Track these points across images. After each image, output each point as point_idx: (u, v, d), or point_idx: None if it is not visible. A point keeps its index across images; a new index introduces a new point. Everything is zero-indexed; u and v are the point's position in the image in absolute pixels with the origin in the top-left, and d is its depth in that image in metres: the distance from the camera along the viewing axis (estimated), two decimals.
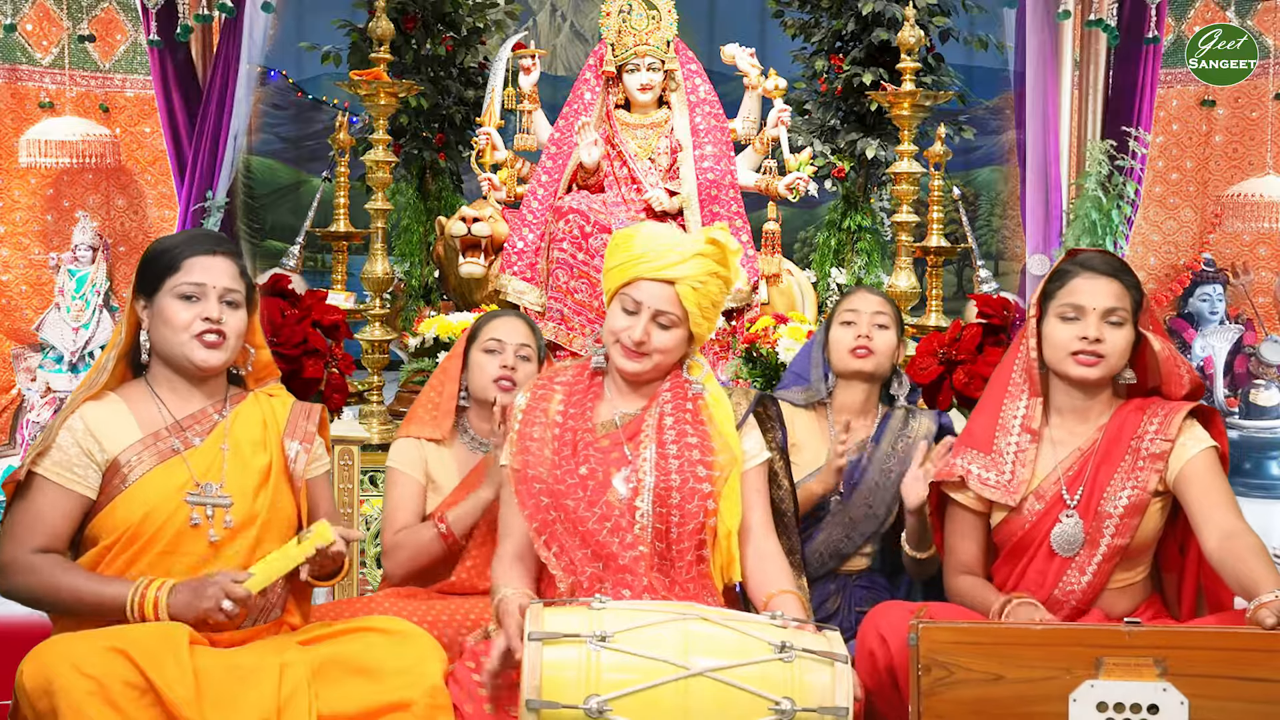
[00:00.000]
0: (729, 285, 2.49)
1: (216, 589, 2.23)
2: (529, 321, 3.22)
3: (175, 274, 2.39)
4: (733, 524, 2.43)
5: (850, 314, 3.25)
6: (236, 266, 2.45)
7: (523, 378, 3.03)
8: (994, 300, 4.00)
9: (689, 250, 2.44)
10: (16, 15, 6.33)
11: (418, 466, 3.04)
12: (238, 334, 2.43)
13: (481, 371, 3.07)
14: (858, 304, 3.27)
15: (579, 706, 2.02)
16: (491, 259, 4.63)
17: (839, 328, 3.25)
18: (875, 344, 3.20)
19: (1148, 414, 2.52)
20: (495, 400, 2.98)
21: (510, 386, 3.02)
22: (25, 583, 2.29)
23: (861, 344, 3.19)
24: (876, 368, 3.22)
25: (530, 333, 3.14)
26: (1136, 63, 5.47)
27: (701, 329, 2.49)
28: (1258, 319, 6.57)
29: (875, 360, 3.21)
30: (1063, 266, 2.59)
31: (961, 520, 2.65)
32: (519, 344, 3.08)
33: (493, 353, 3.07)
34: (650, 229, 2.53)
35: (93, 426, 2.35)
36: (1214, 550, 2.35)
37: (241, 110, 5.80)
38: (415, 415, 3.12)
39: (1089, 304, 2.51)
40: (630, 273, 2.43)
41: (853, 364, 3.20)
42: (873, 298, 3.31)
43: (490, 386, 3.04)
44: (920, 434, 3.18)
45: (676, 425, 2.45)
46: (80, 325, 6.20)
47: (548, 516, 2.41)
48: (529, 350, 3.09)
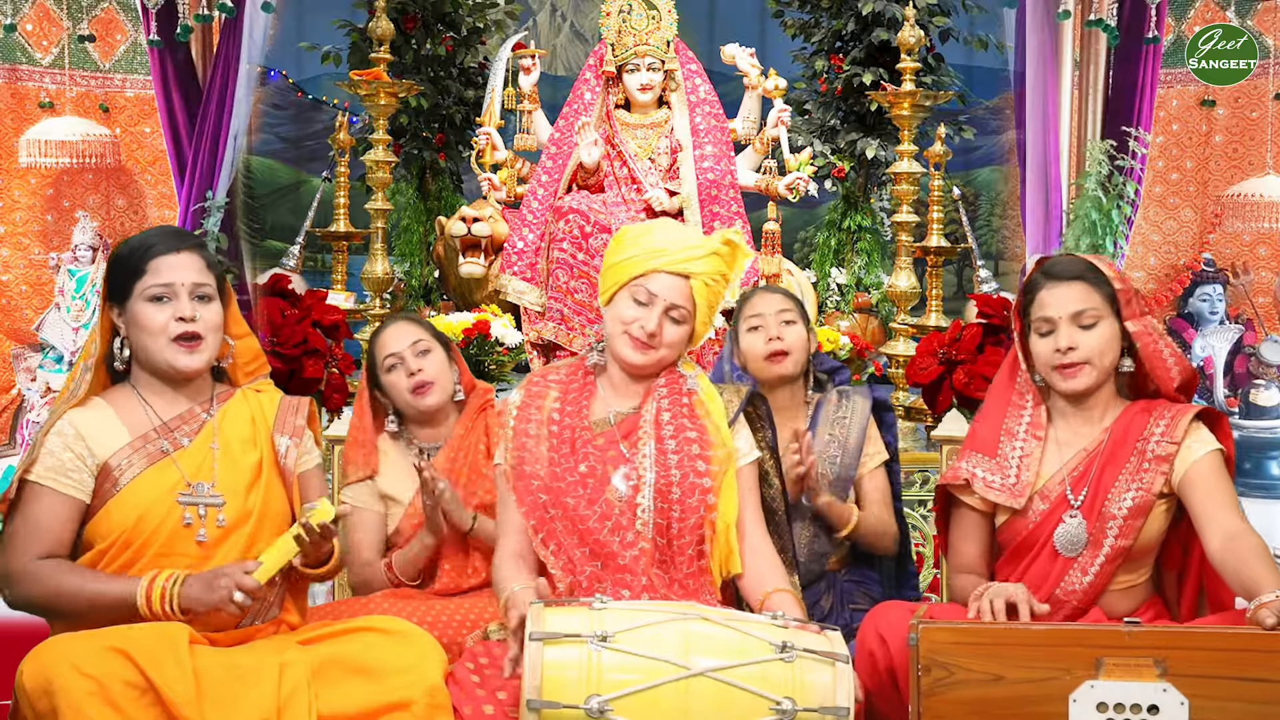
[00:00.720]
0: (724, 289, 2.52)
1: (228, 580, 2.22)
2: (409, 317, 3.20)
3: (143, 277, 2.36)
4: (731, 517, 2.44)
5: (755, 319, 3.17)
6: (203, 259, 2.41)
7: (433, 371, 3.02)
8: (994, 300, 4.01)
9: (706, 247, 2.47)
10: (16, 15, 6.33)
11: (371, 500, 3.03)
12: (214, 328, 2.40)
13: (395, 390, 3.04)
14: (760, 307, 3.19)
15: (580, 706, 2.02)
16: (491, 259, 4.64)
17: (747, 335, 3.17)
18: (787, 343, 3.13)
19: (1154, 416, 2.52)
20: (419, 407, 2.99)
21: (426, 389, 3.01)
22: (32, 591, 2.29)
23: (774, 347, 3.12)
24: (795, 366, 3.15)
25: (416, 326, 3.10)
26: (1136, 63, 5.46)
27: (703, 328, 2.50)
28: (1258, 319, 6.57)
29: (792, 359, 3.14)
30: (1031, 278, 2.60)
31: (966, 521, 2.65)
32: (411, 344, 3.04)
33: (394, 368, 3.04)
34: (666, 224, 2.58)
35: (82, 431, 2.34)
36: (1216, 552, 2.35)
37: (241, 110, 5.80)
38: (348, 460, 3.08)
39: (1055, 314, 2.51)
40: (646, 265, 2.44)
41: (773, 370, 3.13)
42: (773, 296, 3.23)
43: (411, 399, 3.02)
44: (856, 413, 3.14)
45: (674, 420, 2.46)
46: (80, 325, 6.20)
47: (546, 515, 2.41)
48: (424, 343, 3.05)
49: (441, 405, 3.05)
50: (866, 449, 3.14)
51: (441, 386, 3.04)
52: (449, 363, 3.09)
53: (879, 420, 3.20)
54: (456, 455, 3.03)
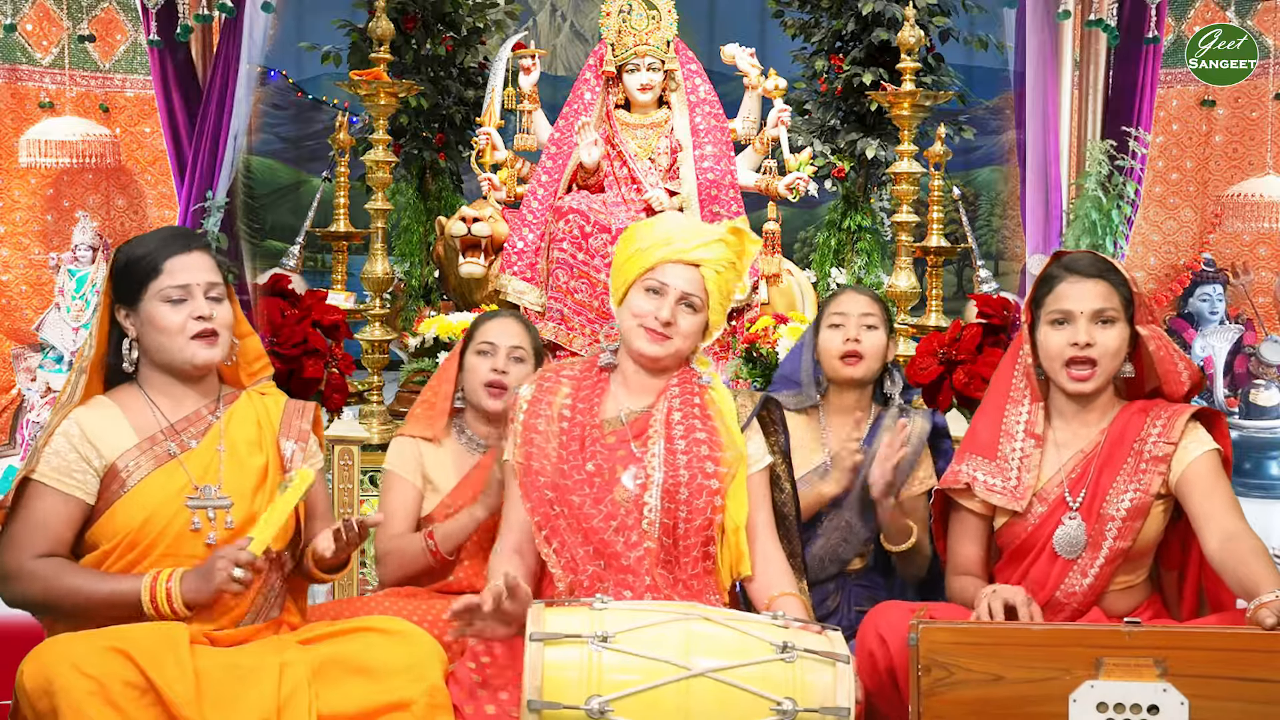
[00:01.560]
0: (739, 279, 2.53)
1: (224, 561, 2.23)
2: (524, 322, 3.20)
3: (158, 278, 2.37)
4: (741, 519, 2.44)
5: (838, 317, 3.19)
6: (213, 260, 2.44)
7: (515, 380, 3.02)
8: (994, 300, 4.01)
9: (713, 235, 2.49)
10: (16, 15, 6.33)
11: (413, 468, 3.03)
12: (228, 326, 2.43)
13: (474, 374, 3.07)
14: (845, 306, 3.21)
15: (580, 707, 2.02)
16: (491, 259, 4.63)
17: (827, 331, 3.20)
18: (864, 346, 3.15)
19: (1150, 416, 2.52)
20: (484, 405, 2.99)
21: (500, 391, 3.02)
22: (30, 590, 2.29)
23: (850, 348, 3.14)
24: (867, 372, 3.18)
25: (525, 333, 3.13)
26: (1136, 63, 5.46)
27: (716, 318, 2.51)
28: (1258, 319, 6.57)
29: (865, 364, 3.16)
30: (1049, 272, 2.59)
31: (965, 524, 2.65)
32: (511, 346, 3.07)
33: (485, 354, 3.06)
34: (672, 217, 2.60)
35: (89, 432, 2.35)
36: (1215, 552, 2.35)
37: (241, 110, 5.80)
38: (412, 415, 3.13)
39: (1076, 308, 2.51)
40: (655, 256, 2.45)
41: (843, 371, 3.15)
42: (860, 298, 3.25)
43: (480, 390, 3.04)
44: (915, 434, 3.13)
45: (685, 421, 2.46)
46: (80, 325, 6.19)
47: (551, 511, 2.41)
48: (522, 352, 3.08)
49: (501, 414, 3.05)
50: (918, 472, 3.13)
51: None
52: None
53: (934, 447, 3.19)
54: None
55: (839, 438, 3.17)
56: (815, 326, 3.26)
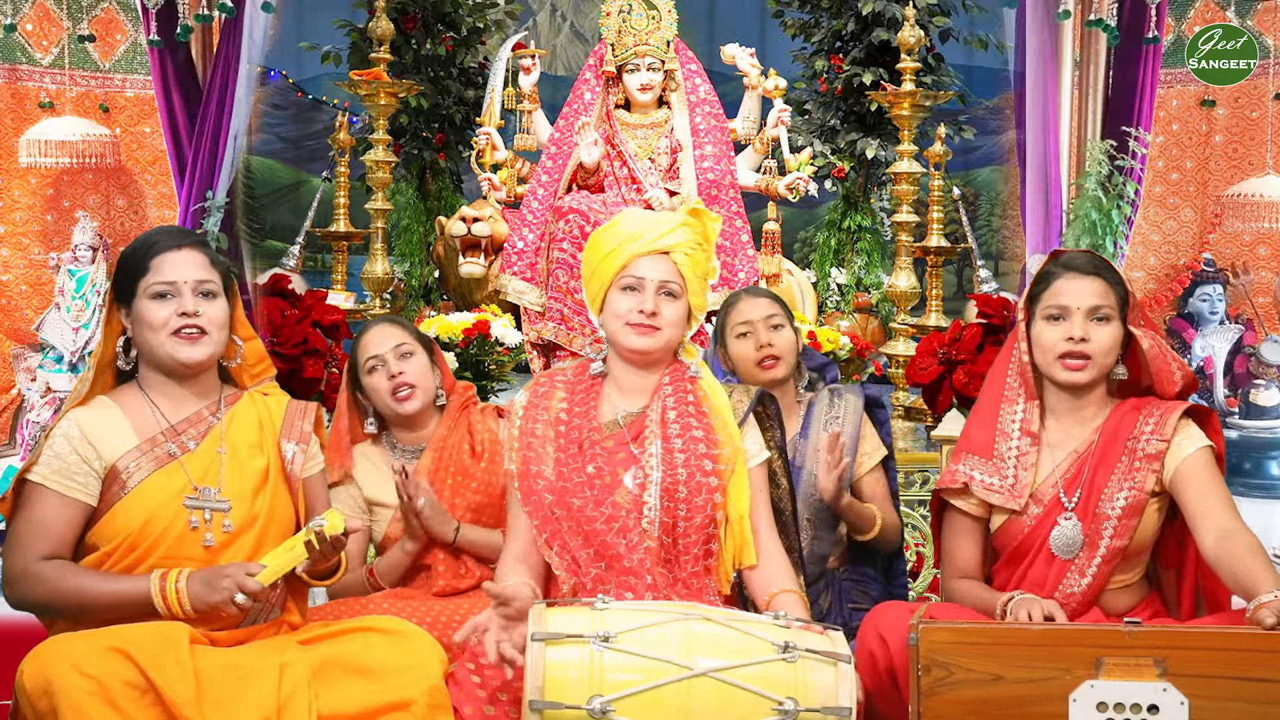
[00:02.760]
0: (710, 259, 2.54)
1: (230, 582, 2.23)
2: (392, 319, 3.18)
3: (146, 275, 2.37)
4: (744, 508, 2.44)
5: (743, 326, 3.15)
6: (206, 256, 2.42)
7: (415, 375, 3.01)
8: (994, 300, 4.01)
9: (676, 221, 2.50)
10: (16, 15, 6.32)
11: (354, 506, 3.01)
12: (219, 324, 2.40)
13: (377, 393, 3.02)
14: (748, 313, 3.16)
15: (582, 707, 2.02)
16: (491, 259, 4.64)
17: (736, 341, 3.16)
18: (778, 348, 3.12)
19: (1143, 414, 2.52)
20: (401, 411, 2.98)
21: (410, 390, 2.99)
22: (35, 592, 2.29)
23: (766, 353, 3.11)
24: (786, 370, 3.15)
25: (400, 329, 3.08)
26: (1136, 63, 5.46)
27: (697, 301, 2.51)
28: (1258, 319, 6.57)
29: (784, 363, 3.13)
30: (1046, 269, 2.60)
31: (961, 525, 2.64)
32: (394, 346, 3.02)
33: (375, 370, 3.02)
34: (631, 213, 2.60)
35: (89, 433, 2.34)
36: (1211, 549, 2.35)
37: (241, 110, 5.79)
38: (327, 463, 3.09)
39: (1073, 304, 2.51)
40: (626, 253, 2.46)
41: (763, 375, 3.11)
42: (759, 301, 3.20)
43: (392, 403, 3.01)
44: (850, 411, 3.12)
45: (680, 419, 2.46)
46: (80, 325, 6.19)
47: (551, 515, 2.41)
48: (407, 345, 3.03)
49: (423, 409, 3.04)
50: (863, 448, 3.13)
51: (423, 390, 3.02)
52: (431, 366, 3.08)
53: (872, 417, 3.18)
54: (441, 456, 3.02)
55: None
56: (720, 339, 3.21)
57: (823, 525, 3.07)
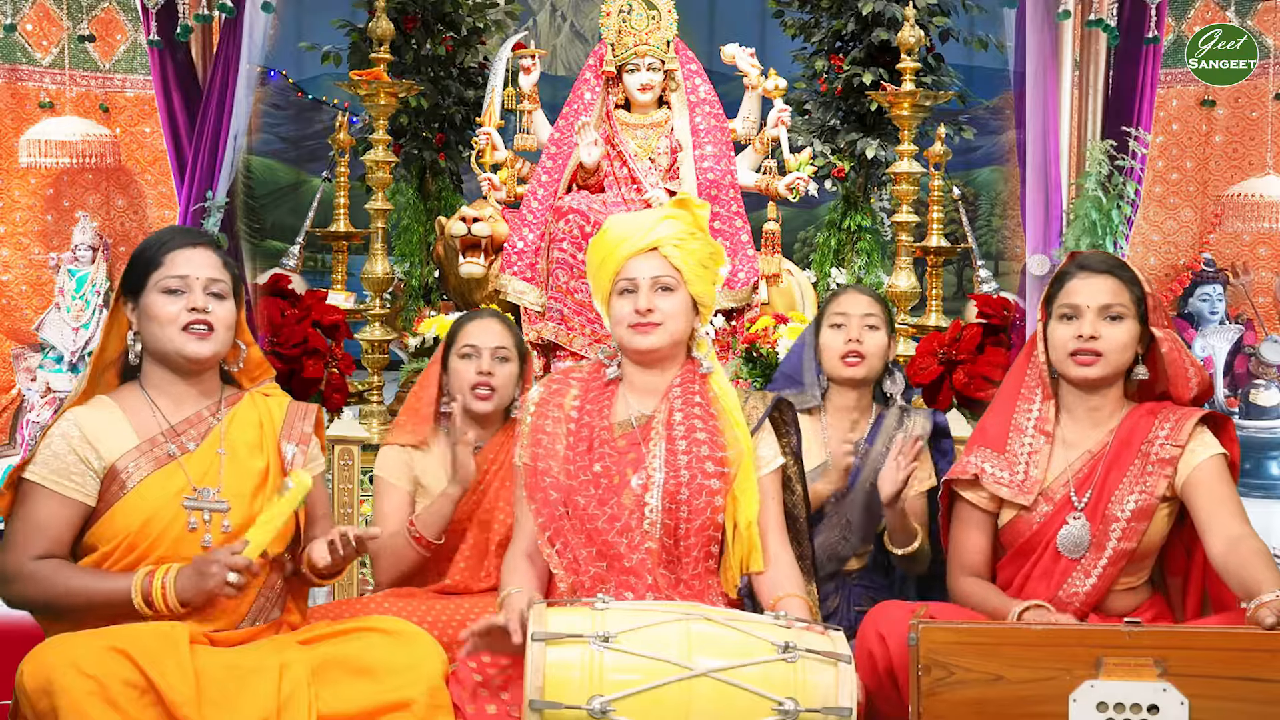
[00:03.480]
0: (709, 245, 2.53)
1: (219, 566, 2.23)
2: (505, 320, 3.19)
3: (158, 269, 2.39)
4: (752, 513, 2.44)
5: (839, 317, 3.20)
6: (219, 258, 2.44)
7: (501, 381, 3.03)
8: (994, 300, 4.01)
9: (658, 216, 2.52)
10: (16, 15, 6.32)
11: (403, 474, 3.04)
12: (226, 325, 2.42)
13: (459, 377, 3.05)
14: (847, 306, 3.21)
15: (582, 707, 2.02)
16: (491, 259, 4.63)
17: (829, 330, 3.20)
18: (866, 347, 3.16)
19: (1159, 419, 2.52)
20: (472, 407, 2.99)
21: (489, 393, 3.02)
22: (28, 590, 2.29)
23: (852, 348, 3.15)
24: (869, 372, 3.19)
25: (507, 332, 3.11)
26: (1136, 63, 5.45)
27: (700, 289, 2.50)
28: (1258, 319, 6.57)
29: (867, 365, 3.17)
30: (1062, 269, 2.62)
31: (970, 519, 2.65)
32: (494, 347, 3.05)
33: (468, 357, 3.04)
34: (615, 219, 2.61)
35: (88, 433, 2.34)
36: (1219, 555, 2.35)
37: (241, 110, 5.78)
38: (398, 422, 3.12)
39: (1084, 302, 2.52)
40: (617, 258, 2.47)
41: (844, 371, 3.16)
42: (861, 298, 3.25)
43: (467, 393, 3.02)
44: (915, 434, 3.14)
45: (686, 421, 2.46)
46: (80, 325, 6.19)
47: (555, 512, 2.42)
48: (506, 351, 3.06)
49: (492, 415, 3.06)
50: (919, 472, 3.13)
51: (500, 398, 3.05)
52: (518, 378, 3.10)
53: (934, 446, 3.19)
54: (496, 458, 3.03)
55: (836, 438, 3.18)
56: (816, 326, 3.26)
57: (860, 531, 3.07)
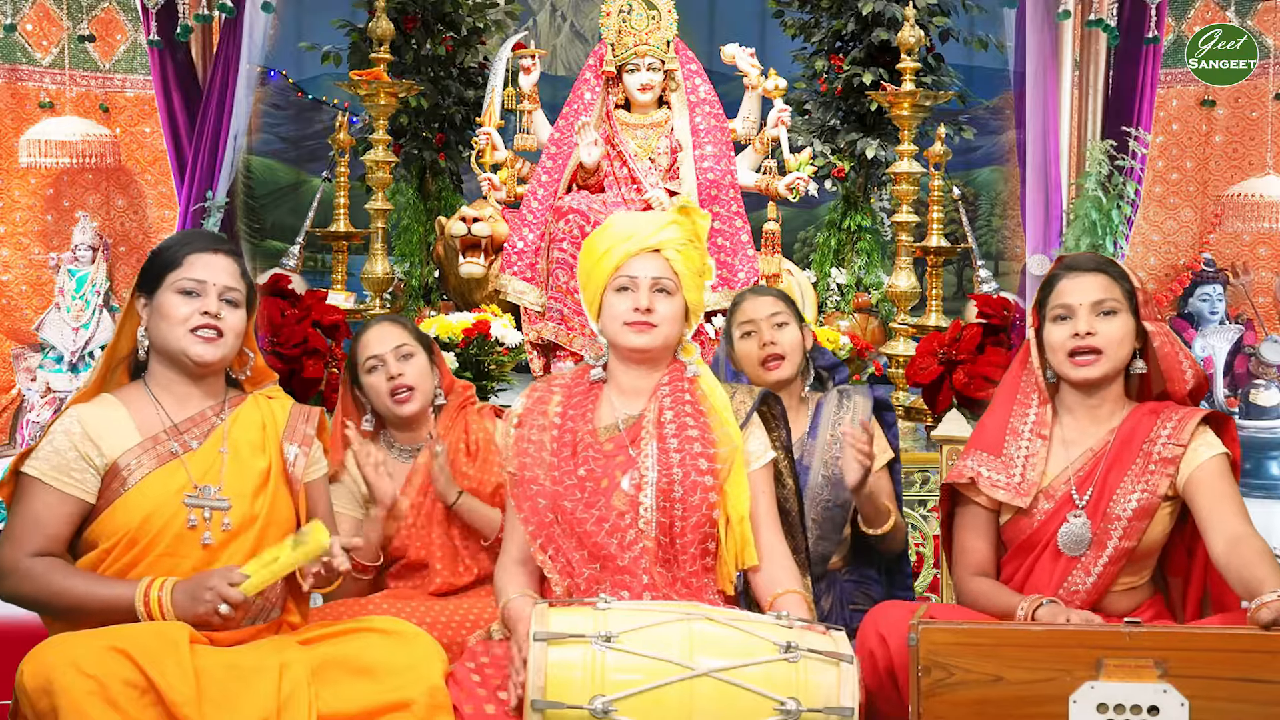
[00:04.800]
0: (704, 255, 2.54)
1: (213, 594, 2.22)
2: (394, 318, 3.16)
3: (176, 270, 2.39)
4: (744, 509, 2.43)
5: (748, 325, 3.14)
6: (237, 266, 2.45)
7: (414, 377, 3.00)
8: (994, 300, 4.01)
9: (664, 219, 2.50)
10: (16, 15, 6.33)
11: (351, 501, 3.02)
12: (236, 333, 2.42)
13: (375, 392, 3.02)
14: (751, 312, 3.15)
15: (584, 707, 2.02)
16: (491, 259, 4.64)
17: (741, 341, 3.15)
18: (782, 346, 3.11)
19: (1161, 418, 2.52)
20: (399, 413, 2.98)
21: (408, 393, 2.99)
22: (22, 588, 2.29)
23: (769, 351, 3.10)
24: (792, 368, 3.13)
25: (400, 329, 3.06)
26: (1136, 63, 5.46)
27: (693, 297, 2.51)
28: (1258, 319, 6.57)
29: (789, 362, 3.12)
30: (1050, 274, 2.62)
31: (972, 520, 2.64)
32: (394, 347, 3.01)
33: (374, 370, 3.01)
34: (619, 216, 2.60)
35: (91, 430, 2.34)
36: (1220, 555, 2.35)
37: (241, 110, 5.80)
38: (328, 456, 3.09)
39: (1076, 300, 2.52)
40: (619, 254, 2.47)
41: (769, 376, 3.10)
42: (763, 300, 3.19)
43: (390, 404, 3.00)
44: (858, 412, 3.10)
45: (676, 419, 2.46)
46: (80, 325, 6.20)
47: (544, 519, 2.41)
48: (407, 347, 3.03)
49: (421, 411, 3.04)
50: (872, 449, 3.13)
51: (422, 393, 3.02)
52: (431, 367, 3.07)
53: (880, 420, 3.17)
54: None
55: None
56: (727, 339, 3.20)
57: (829, 525, 3.06)
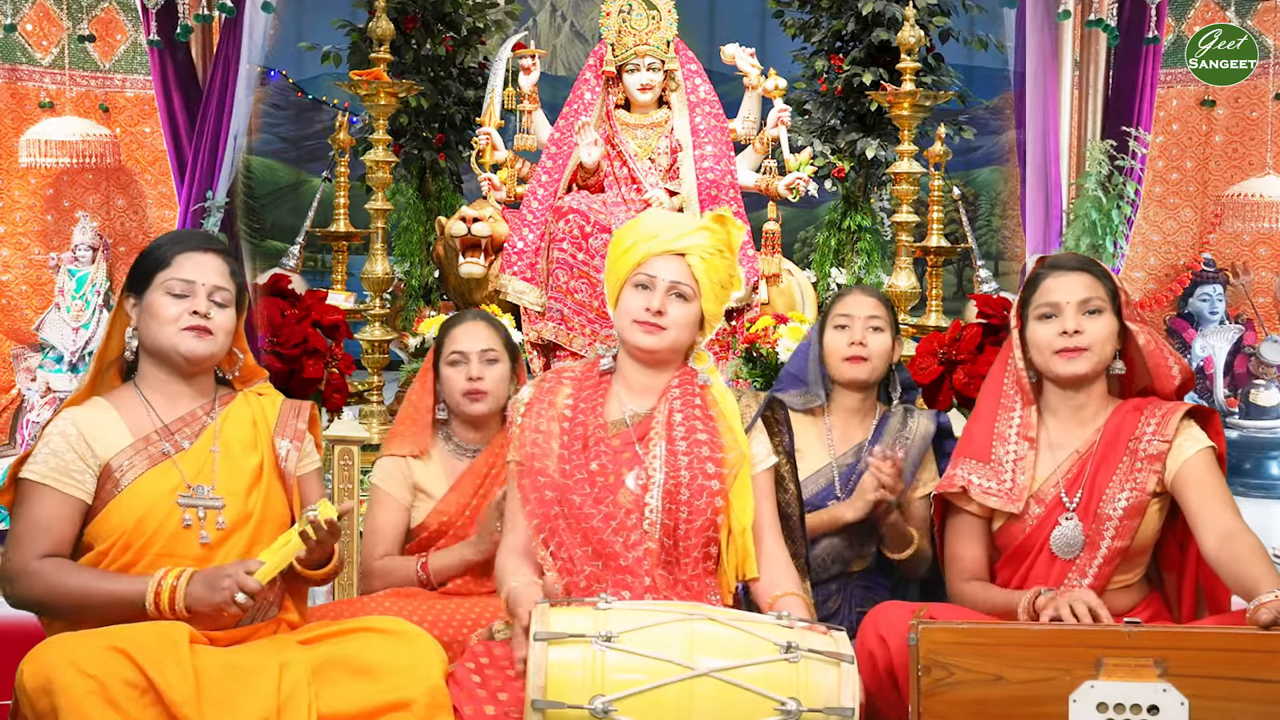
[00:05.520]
0: (732, 268, 2.52)
1: (231, 581, 2.24)
2: (490, 320, 3.17)
3: (165, 269, 2.40)
4: (747, 520, 2.44)
5: (843, 318, 3.19)
6: (227, 266, 2.45)
7: (492, 383, 3.02)
8: (994, 300, 4.01)
9: (696, 224, 2.50)
10: (16, 15, 6.32)
11: (402, 484, 3.03)
12: (226, 332, 2.43)
13: (450, 384, 3.05)
14: (851, 307, 3.20)
15: (584, 707, 2.02)
16: (491, 259, 4.63)
17: (833, 332, 3.19)
18: (870, 349, 3.15)
19: (1145, 414, 2.53)
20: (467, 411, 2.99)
21: (480, 395, 3.01)
22: (33, 590, 2.30)
23: (855, 351, 3.14)
24: (872, 373, 3.17)
25: (493, 333, 3.09)
26: (1136, 63, 5.45)
27: (711, 308, 2.50)
28: (1258, 319, 6.57)
29: (870, 366, 3.16)
30: (1034, 273, 2.63)
31: (965, 526, 2.65)
32: (481, 350, 3.04)
33: (457, 364, 3.03)
34: (654, 213, 2.60)
35: (85, 431, 2.35)
36: (1212, 550, 2.35)
37: (241, 110, 5.79)
38: (395, 432, 3.10)
39: (1062, 299, 2.52)
40: (641, 251, 2.46)
41: (848, 372, 3.15)
42: (866, 300, 3.24)
43: (460, 399, 3.02)
44: (919, 435, 3.14)
45: (686, 422, 2.46)
46: (80, 325, 6.19)
47: (550, 512, 2.41)
48: (494, 353, 3.05)
49: (489, 415, 3.05)
50: (921, 475, 3.13)
51: (494, 398, 3.04)
52: (511, 376, 3.09)
53: (938, 448, 3.19)
54: (496, 461, 3.03)
55: (841, 439, 3.18)
56: (820, 326, 3.25)
57: (860, 532, 3.07)
